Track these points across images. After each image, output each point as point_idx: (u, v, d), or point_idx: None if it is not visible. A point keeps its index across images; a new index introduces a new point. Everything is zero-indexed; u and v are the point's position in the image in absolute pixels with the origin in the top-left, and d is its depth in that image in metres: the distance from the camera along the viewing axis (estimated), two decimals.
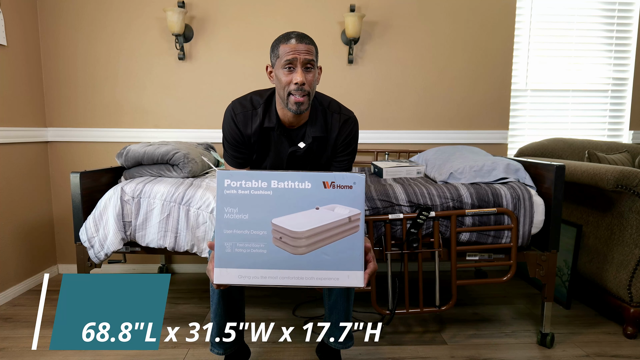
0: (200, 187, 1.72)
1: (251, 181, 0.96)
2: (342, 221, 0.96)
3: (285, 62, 1.21)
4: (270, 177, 0.96)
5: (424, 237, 1.68)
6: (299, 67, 1.22)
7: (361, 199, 0.96)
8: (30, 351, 1.68)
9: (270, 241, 0.96)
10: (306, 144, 1.35)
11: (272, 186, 0.96)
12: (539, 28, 2.67)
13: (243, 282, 0.96)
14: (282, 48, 1.22)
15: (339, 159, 1.41)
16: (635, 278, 1.75)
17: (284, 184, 0.96)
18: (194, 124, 2.52)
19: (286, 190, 0.96)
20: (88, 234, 1.65)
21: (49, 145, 2.51)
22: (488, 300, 2.20)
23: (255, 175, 0.96)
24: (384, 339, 1.78)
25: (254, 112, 1.34)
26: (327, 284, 0.97)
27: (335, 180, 0.96)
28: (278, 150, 1.38)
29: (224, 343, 1.43)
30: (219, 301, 1.39)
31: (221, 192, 0.96)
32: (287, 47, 1.21)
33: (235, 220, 0.96)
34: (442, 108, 2.56)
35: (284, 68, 1.22)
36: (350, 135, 1.38)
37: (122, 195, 1.67)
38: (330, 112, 1.37)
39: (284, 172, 0.97)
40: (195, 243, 1.67)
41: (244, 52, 2.48)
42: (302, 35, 1.23)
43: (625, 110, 2.77)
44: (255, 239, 0.96)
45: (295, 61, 1.21)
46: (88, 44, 2.44)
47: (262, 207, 0.96)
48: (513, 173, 1.76)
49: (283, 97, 1.26)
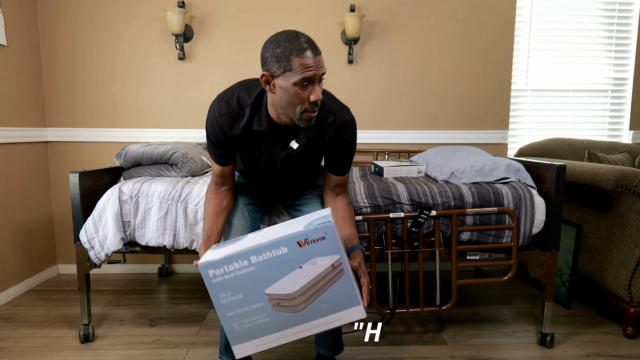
0: (197, 184, 1.72)
1: (232, 264, 1.00)
2: (326, 271, 1.01)
3: (301, 79, 1.08)
4: (248, 254, 1.00)
5: (425, 236, 1.68)
6: (317, 83, 1.11)
7: (337, 245, 0.99)
8: (30, 351, 1.68)
9: (270, 309, 1.03)
10: (300, 144, 1.27)
11: (252, 262, 1.00)
12: (539, 28, 2.67)
13: (262, 349, 1.07)
14: (296, 62, 1.07)
15: (339, 160, 1.34)
16: (635, 278, 1.75)
17: (263, 256, 1.00)
18: (193, 124, 2.52)
19: (267, 261, 1.00)
20: (88, 235, 1.65)
21: (49, 145, 2.51)
22: (488, 300, 2.20)
23: (234, 256, 1.00)
24: (384, 339, 1.78)
25: (240, 113, 1.22)
26: (334, 326, 1.05)
27: (307, 237, 0.99)
28: (270, 153, 1.31)
29: (232, 351, 1.44)
30: None
31: (210, 282, 1.02)
32: (305, 61, 1.07)
33: (232, 303, 1.03)
34: (442, 108, 2.56)
35: (299, 85, 1.09)
36: (347, 140, 1.29)
37: (120, 195, 1.67)
38: (325, 112, 1.26)
39: (258, 244, 1.00)
40: (194, 239, 1.67)
41: (244, 52, 2.48)
42: (312, 44, 1.10)
43: (625, 110, 2.77)
44: (256, 312, 1.03)
45: (314, 78, 1.09)
46: (88, 44, 2.44)
47: (251, 283, 1.01)
48: (514, 173, 1.76)
49: (293, 113, 1.15)
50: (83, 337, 1.74)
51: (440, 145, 2.50)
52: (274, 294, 1.02)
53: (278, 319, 1.04)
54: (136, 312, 2.04)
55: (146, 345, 1.72)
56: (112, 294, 2.28)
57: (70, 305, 2.11)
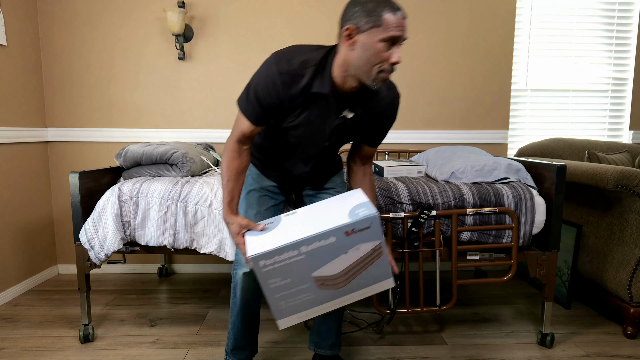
0: (196, 183, 1.72)
1: (283, 254, 1.05)
2: (368, 253, 1.10)
3: (390, 37, 1.05)
4: (298, 245, 1.05)
5: (425, 236, 1.68)
6: (398, 45, 1.09)
7: (379, 232, 1.08)
8: (30, 351, 1.68)
9: (315, 288, 1.11)
10: (355, 113, 1.23)
11: (302, 251, 1.06)
12: (539, 28, 2.67)
13: (304, 320, 1.17)
14: (388, 18, 1.05)
15: (379, 132, 1.34)
16: (635, 278, 1.75)
17: (313, 246, 1.06)
18: (193, 124, 2.52)
19: (316, 250, 1.06)
20: (88, 236, 1.65)
21: (49, 145, 2.51)
22: (488, 300, 2.20)
23: (285, 247, 1.05)
24: (384, 339, 1.78)
25: (302, 72, 1.15)
26: (367, 295, 1.17)
27: (355, 227, 1.06)
28: (322, 121, 1.23)
29: (239, 354, 1.44)
30: (239, 314, 1.40)
31: (259, 271, 1.06)
32: (395, 19, 1.05)
33: (280, 286, 1.09)
34: (442, 108, 2.56)
35: (385, 42, 1.06)
36: (393, 112, 1.31)
37: (119, 195, 1.67)
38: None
39: (308, 235, 1.05)
40: (194, 239, 1.67)
41: (244, 52, 2.48)
42: (401, 8, 1.09)
43: (625, 110, 2.77)
44: (302, 291, 1.11)
45: (400, 39, 1.07)
46: (88, 44, 2.44)
47: (300, 269, 1.08)
48: (514, 173, 1.76)
49: (369, 72, 1.10)
50: (83, 337, 1.74)
51: (441, 145, 2.50)
52: (321, 276, 1.10)
53: (321, 296, 1.13)
54: (136, 312, 2.04)
55: (146, 345, 1.72)
56: (112, 294, 2.28)
57: (70, 305, 2.11)
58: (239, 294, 1.37)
